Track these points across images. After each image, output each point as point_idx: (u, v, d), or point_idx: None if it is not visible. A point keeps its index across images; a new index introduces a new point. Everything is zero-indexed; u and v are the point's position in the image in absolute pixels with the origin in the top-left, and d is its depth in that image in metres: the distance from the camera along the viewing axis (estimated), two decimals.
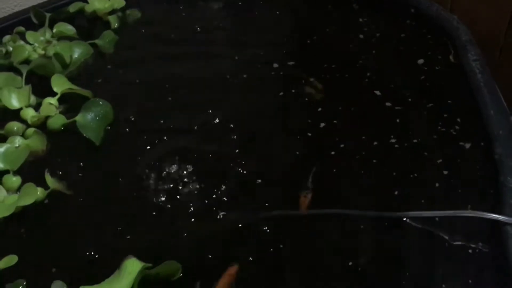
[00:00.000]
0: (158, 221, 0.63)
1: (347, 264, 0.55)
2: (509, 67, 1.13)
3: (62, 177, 0.69)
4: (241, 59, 0.92)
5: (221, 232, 0.61)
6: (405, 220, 0.59)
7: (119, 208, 0.66)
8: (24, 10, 1.08)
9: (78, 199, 0.67)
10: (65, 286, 0.54)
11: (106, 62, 0.96)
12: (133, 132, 0.77)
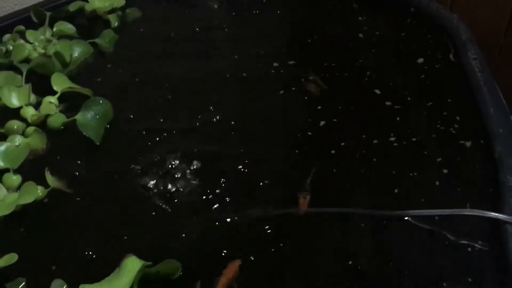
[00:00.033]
0: (158, 220, 0.63)
1: (347, 264, 0.55)
2: (509, 67, 1.13)
3: (62, 175, 0.69)
4: (241, 58, 0.92)
5: (221, 232, 0.61)
6: (405, 219, 0.59)
7: (119, 207, 0.66)
8: (24, 9, 1.08)
9: (78, 197, 0.67)
10: (65, 285, 0.54)
11: (106, 61, 0.96)
12: (133, 131, 0.77)
